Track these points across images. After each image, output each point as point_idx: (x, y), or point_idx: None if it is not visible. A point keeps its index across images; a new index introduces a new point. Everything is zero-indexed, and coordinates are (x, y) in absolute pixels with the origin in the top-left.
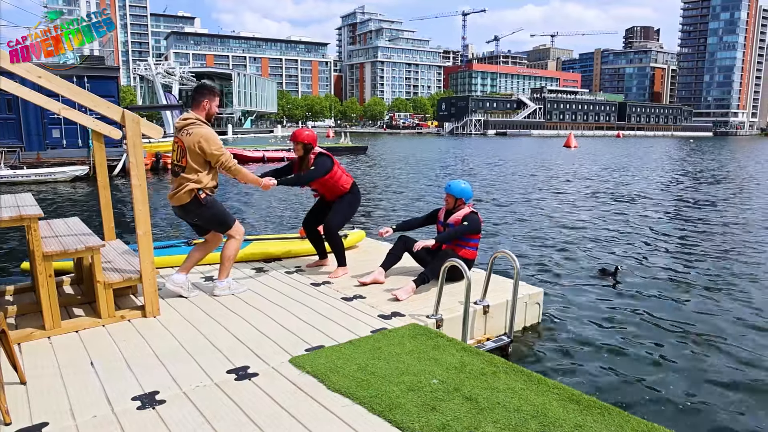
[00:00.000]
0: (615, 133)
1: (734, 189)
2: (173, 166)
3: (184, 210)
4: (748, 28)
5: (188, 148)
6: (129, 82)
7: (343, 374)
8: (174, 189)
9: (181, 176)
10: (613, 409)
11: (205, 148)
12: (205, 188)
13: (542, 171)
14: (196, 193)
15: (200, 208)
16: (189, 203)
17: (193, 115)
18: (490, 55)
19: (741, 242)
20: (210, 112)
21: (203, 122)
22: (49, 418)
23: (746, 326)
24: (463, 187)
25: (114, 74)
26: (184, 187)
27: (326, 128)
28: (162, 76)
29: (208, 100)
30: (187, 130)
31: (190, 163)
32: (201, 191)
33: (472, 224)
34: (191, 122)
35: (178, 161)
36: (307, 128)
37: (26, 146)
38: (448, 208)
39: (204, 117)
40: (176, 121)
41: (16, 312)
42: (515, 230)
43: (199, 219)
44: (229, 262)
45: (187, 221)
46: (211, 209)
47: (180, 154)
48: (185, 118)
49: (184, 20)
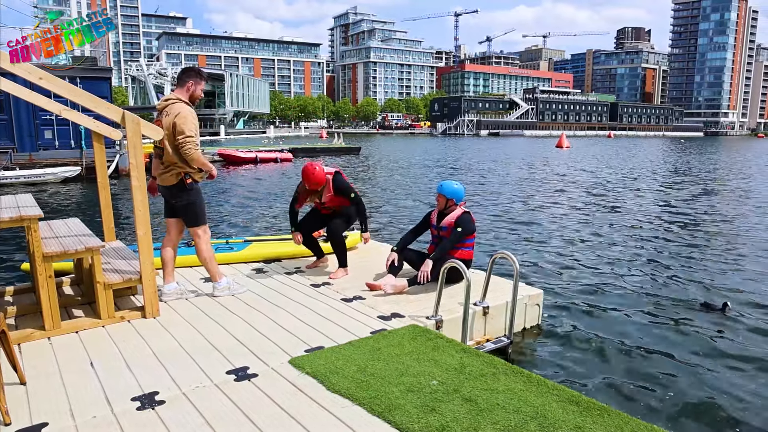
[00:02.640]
0: (606, 133)
1: (731, 187)
2: (155, 148)
3: (168, 190)
4: (738, 29)
5: (165, 128)
6: (120, 83)
7: (342, 375)
8: (161, 170)
9: (164, 159)
10: (613, 410)
11: (176, 125)
12: (191, 174)
13: (538, 171)
14: (182, 176)
15: (183, 192)
16: (175, 185)
17: (174, 95)
18: (483, 55)
19: (743, 235)
20: (194, 95)
21: (185, 102)
22: (49, 419)
23: (749, 328)
24: (455, 187)
25: (107, 75)
26: (171, 169)
27: (319, 129)
28: (154, 76)
29: (193, 81)
30: (167, 111)
31: (168, 145)
32: (188, 176)
33: (465, 228)
34: (172, 102)
35: (158, 143)
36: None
37: (18, 147)
38: (440, 209)
39: (186, 98)
40: (158, 102)
41: (16, 312)
42: (515, 231)
43: (179, 202)
44: (212, 262)
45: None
46: (193, 198)
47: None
48: (167, 99)
49: (175, 21)
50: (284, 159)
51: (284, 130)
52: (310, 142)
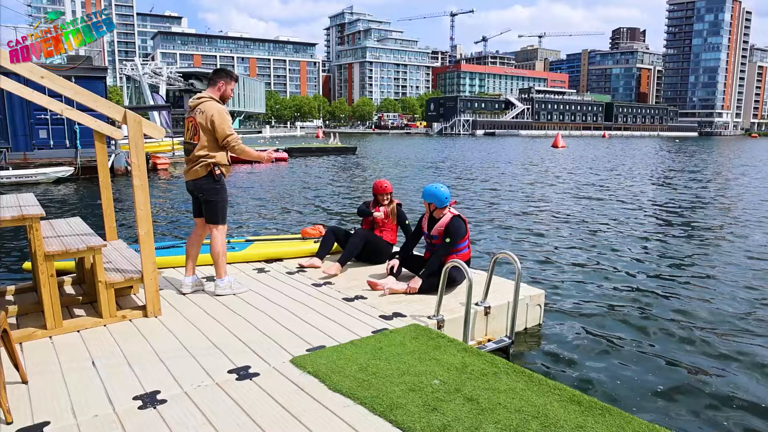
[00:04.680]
0: (601, 133)
1: (723, 186)
2: (185, 144)
3: (196, 184)
4: (732, 29)
5: (200, 124)
6: (115, 83)
7: (344, 374)
8: (189, 165)
9: (194, 153)
10: (614, 410)
11: (216, 125)
12: (220, 166)
13: (536, 171)
14: (212, 168)
15: (212, 183)
16: (204, 177)
17: (207, 93)
18: (479, 55)
19: (748, 241)
20: (225, 94)
21: (216, 100)
22: (51, 417)
23: (752, 329)
24: (435, 191)
25: (102, 75)
26: (200, 161)
27: (315, 129)
28: (149, 76)
29: (224, 82)
30: (200, 108)
31: (202, 140)
32: (217, 167)
33: (454, 237)
34: (204, 100)
35: (190, 139)
36: (386, 180)
37: (13, 147)
38: (429, 215)
39: (218, 96)
40: (190, 100)
41: (18, 311)
42: (516, 232)
43: (205, 195)
44: (222, 258)
45: (194, 196)
46: (219, 192)
47: (192, 132)
48: (199, 97)
49: (171, 20)
50: (280, 159)
51: (280, 130)
52: (306, 142)
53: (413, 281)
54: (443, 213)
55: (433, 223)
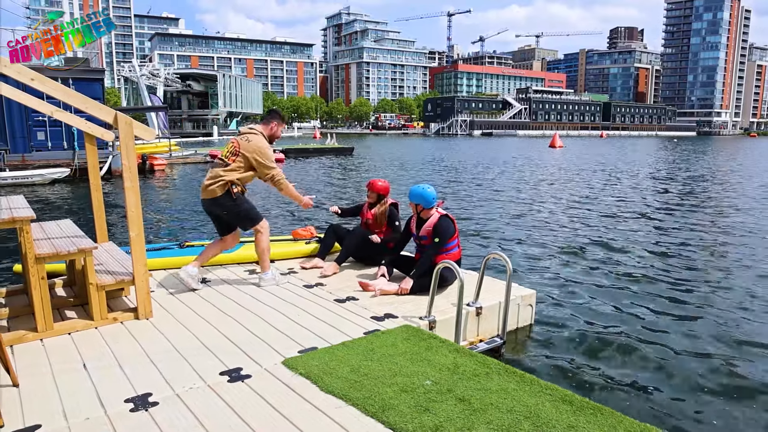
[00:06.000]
0: (599, 133)
1: (721, 186)
2: (218, 159)
3: (215, 202)
4: (731, 28)
5: (243, 151)
6: (113, 84)
7: (336, 376)
8: (208, 181)
9: (218, 171)
10: (606, 409)
11: (259, 161)
12: (239, 184)
13: (531, 171)
14: (229, 187)
15: (230, 201)
16: (221, 196)
17: (260, 128)
18: (476, 55)
19: (739, 244)
20: (275, 134)
21: (264, 137)
22: (42, 420)
23: (745, 329)
24: (420, 191)
25: (99, 76)
26: (219, 180)
27: (312, 129)
28: (146, 77)
29: (276, 123)
30: (248, 137)
31: (238, 163)
32: (234, 186)
33: (443, 237)
34: (255, 132)
35: (225, 157)
36: (382, 180)
37: (11, 148)
38: (417, 216)
39: (267, 134)
40: (242, 128)
41: (9, 314)
42: (507, 231)
43: (228, 213)
44: (266, 254)
45: (213, 215)
46: (240, 206)
47: (231, 153)
48: (251, 128)
49: (168, 21)
50: (276, 159)
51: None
52: (303, 143)
53: (404, 282)
54: (431, 213)
55: (422, 224)
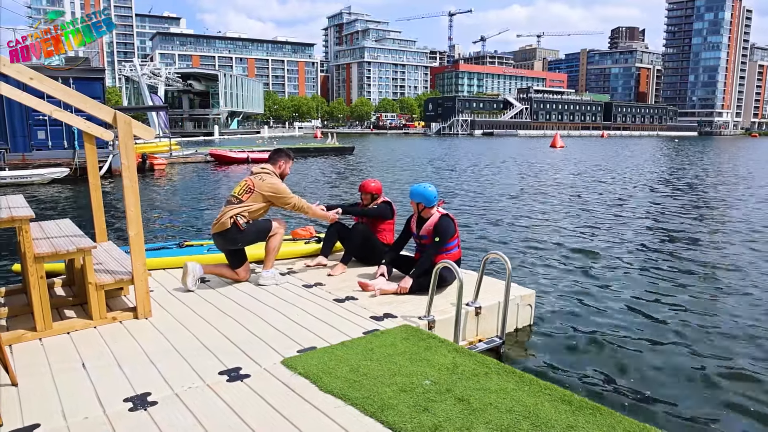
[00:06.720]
0: (600, 133)
1: (719, 186)
2: (231, 197)
3: (225, 237)
4: (732, 28)
5: (258, 190)
6: (114, 83)
7: (335, 375)
8: (220, 217)
9: (230, 207)
10: (605, 409)
11: (277, 196)
12: (246, 216)
13: (532, 171)
14: (235, 219)
15: (240, 233)
16: (229, 229)
17: (270, 168)
18: (477, 55)
19: (739, 242)
20: (284, 172)
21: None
22: (41, 420)
23: (742, 329)
24: (423, 190)
25: (100, 75)
26: (226, 213)
27: (313, 129)
28: (147, 77)
29: (284, 161)
30: (261, 176)
31: (249, 200)
32: (240, 217)
33: (444, 236)
34: (267, 172)
35: (239, 194)
36: (374, 180)
37: (11, 148)
38: (417, 215)
39: (278, 173)
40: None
41: (8, 313)
42: (507, 231)
43: (241, 240)
44: (273, 253)
45: (226, 250)
46: (249, 234)
47: (244, 191)
48: (263, 167)
49: (169, 21)
50: None
51: (278, 131)
52: (303, 142)
53: (404, 281)
54: (431, 213)
55: (422, 223)
